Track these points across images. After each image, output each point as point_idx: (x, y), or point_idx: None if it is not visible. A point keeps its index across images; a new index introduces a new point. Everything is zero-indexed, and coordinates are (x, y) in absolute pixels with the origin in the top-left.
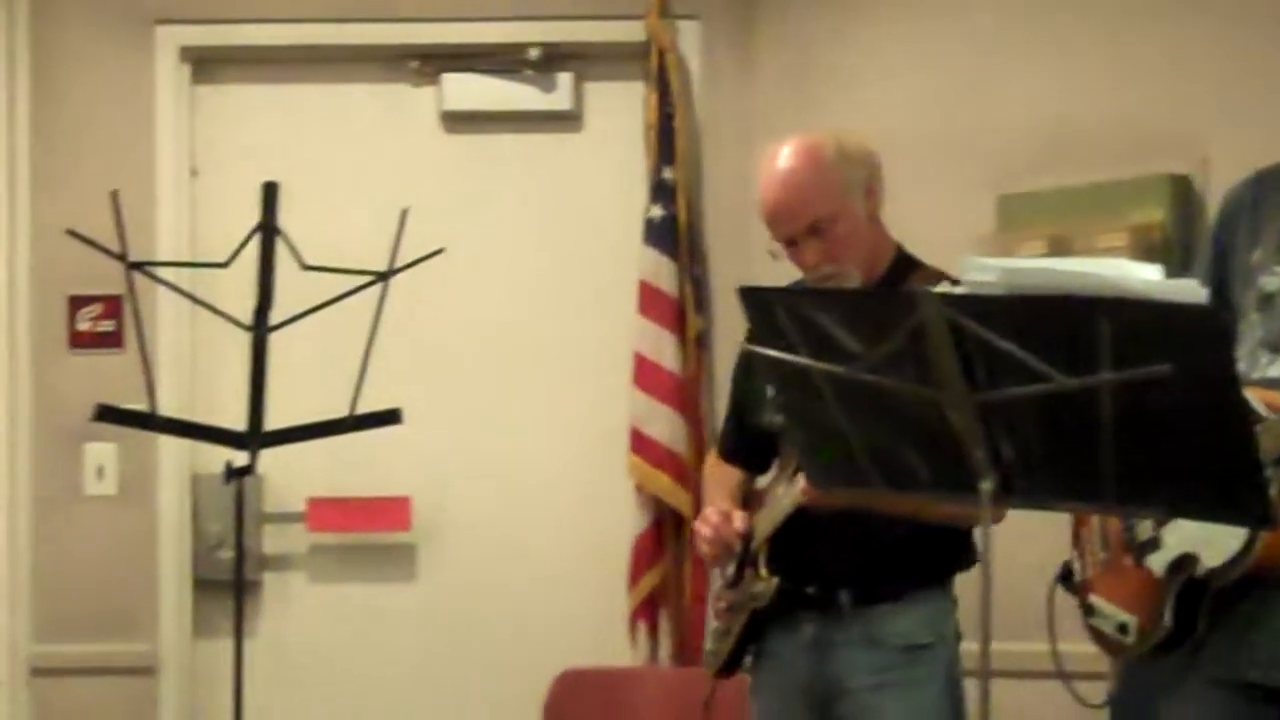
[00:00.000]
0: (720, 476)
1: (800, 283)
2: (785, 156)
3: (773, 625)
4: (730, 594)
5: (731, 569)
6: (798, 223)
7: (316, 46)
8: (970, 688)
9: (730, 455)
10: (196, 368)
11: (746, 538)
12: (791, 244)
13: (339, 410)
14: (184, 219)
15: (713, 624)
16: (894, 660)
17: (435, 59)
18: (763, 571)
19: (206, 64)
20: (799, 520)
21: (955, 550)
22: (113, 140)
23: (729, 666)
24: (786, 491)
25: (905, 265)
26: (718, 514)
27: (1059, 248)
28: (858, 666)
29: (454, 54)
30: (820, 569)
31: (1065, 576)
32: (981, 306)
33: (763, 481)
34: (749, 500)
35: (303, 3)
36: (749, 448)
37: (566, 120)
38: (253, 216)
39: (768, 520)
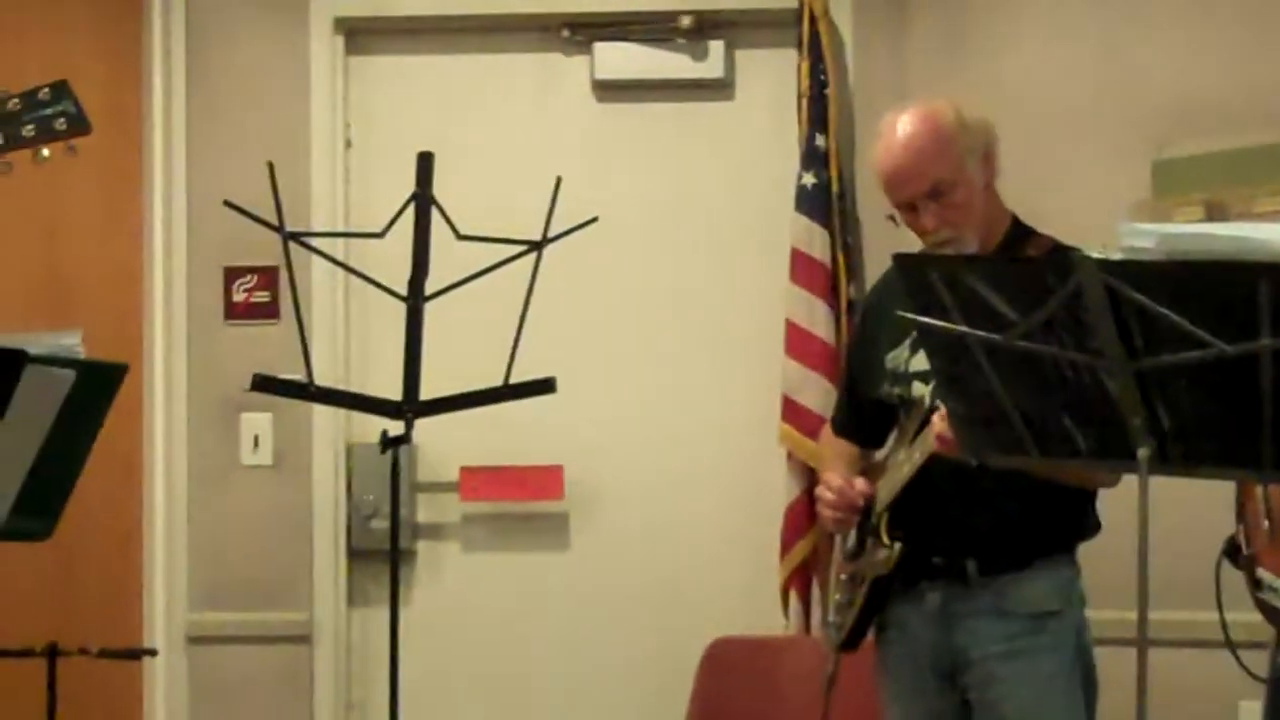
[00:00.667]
0: (837, 449)
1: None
2: (906, 121)
3: (896, 596)
4: (851, 564)
5: (853, 538)
6: (918, 186)
7: (469, 16)
8: (1123, 656)
9: (844, 428)
10: (350, 338)
11: (868, 504)
12: (910, 209)
13: (492, 379)
14: (338, 190)
15: (834, 597)
16: (1022, 628)
17: (587, 28)
18: (885, 539)
19: (360, 35)
20: (922, 489)
21: (1080, 518)
22: (268, 112)
23: (853, 640)
24: (908, 457)
25: (1021, 234)
26: (839, 479)
27: (1216, 213)
28: (985, 636)
29: (606, 22)
30: (946, 538)
31: (1231, 551)
32: (1139, 272)
33: (879, 455)
34: (867, 473)
35: None
36: (864, 420)
37: (718, 88)
38: (406, 187)
39: (889, 487)
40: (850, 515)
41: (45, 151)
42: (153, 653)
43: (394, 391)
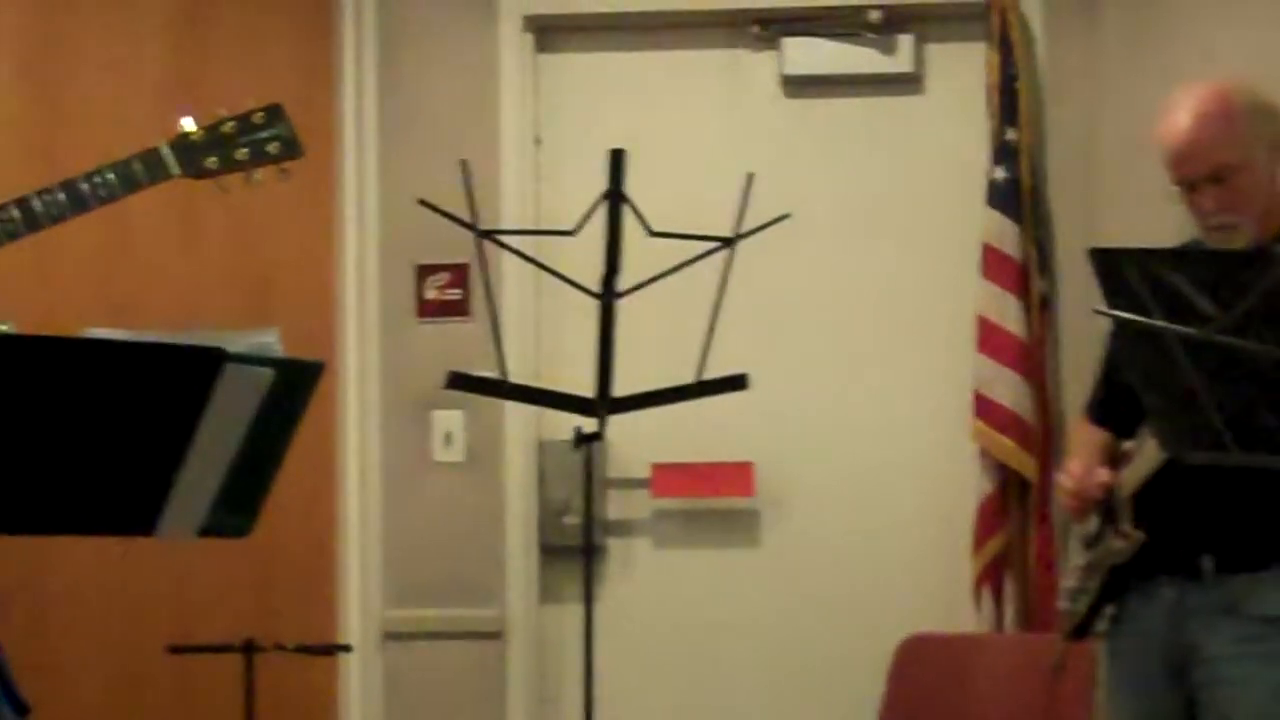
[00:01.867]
0: (1085, 436)
1: (1192, 243)
2: (1196, 99)
3: (1131, 587)
4: (1088, 552)
5: (1092, 525)
6: (1200, 166)
7: (658, 13)
8: None
9: (1098, 415)
10: (541, 335)
11: (1109, 493)
12: (1190, 188)
13: (682, 376)
14: (528, 187)
15: (1067, 583)
16: (1255, 631)
17: (775, 23)
18: (1126, 527)
19: (549, 33)
20: (1167, 480)
21: None
22: (457, 110)
23: (1083, 629)
24: (1155, 448)
25: None
26: (1080, 466)
27: None
28: (1216, 634)
29: (794, 18)
30: (1185, 532)
31: None
32: None
33: (1129, 445)
34: (1116, 462)
35: None
36: (1118, 408)
37: (907, 83)
38: (595, 184)
39: (1134, 475)
40: (1087, 504)
41: (258, 174)
42: (348, 648)
43: (584, 388)
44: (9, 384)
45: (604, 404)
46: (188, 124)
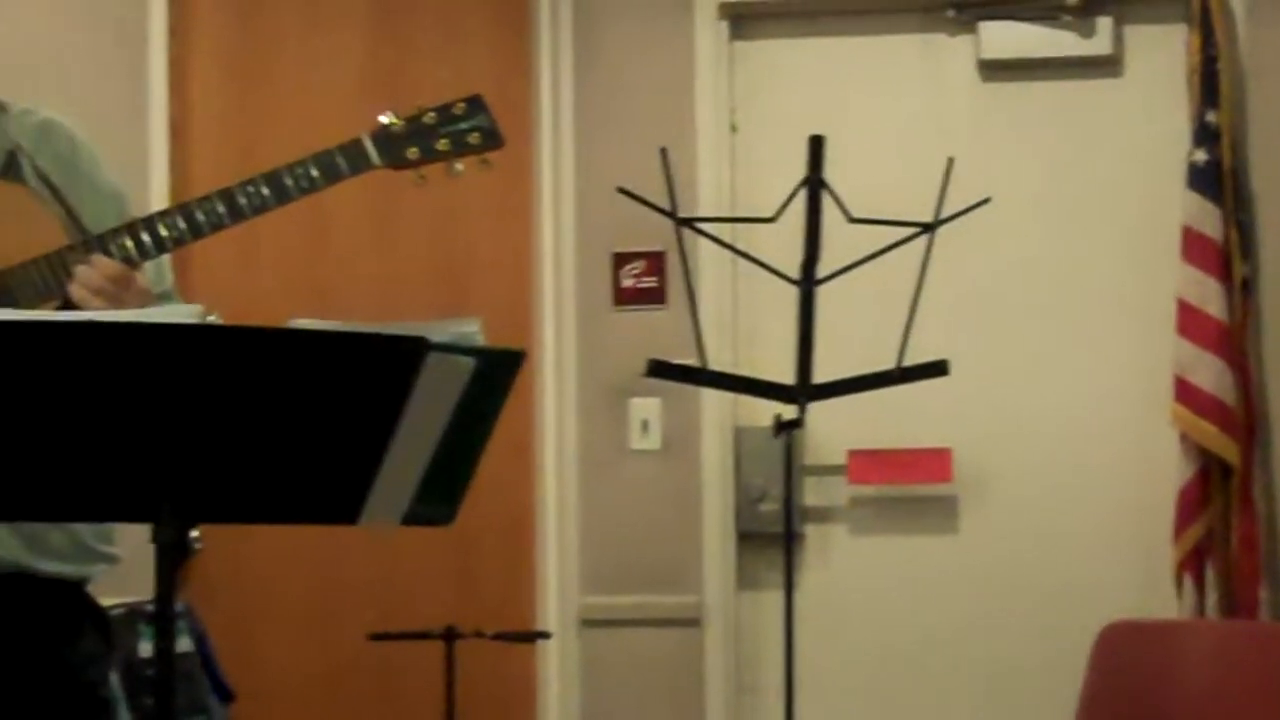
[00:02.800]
0: None
1: None
2: None
3: None
4: None
5: None
6: None
7: None
8: None
9: None
10: (738, 322)
11: None
12: None
13: (877, 362)
14: (724, 174)
15: None
16: None
17: (972, 7)
18: None
19: (744, 20)
20: None
21: None
22: (653, 99)
23: None
24: None
25: None
26: None
27: None
28: None
29: (991, 1)
30: None
31: None
32: None
33: None
34: None
35: None
36: None
37: (1106, 65)
38: (790, 171)
39: None
40: None
41: (459, 165)
42: (546, 635)
43: (781, 375)
44: (219, 375)
45: (804, 391)
46: (388, 116)
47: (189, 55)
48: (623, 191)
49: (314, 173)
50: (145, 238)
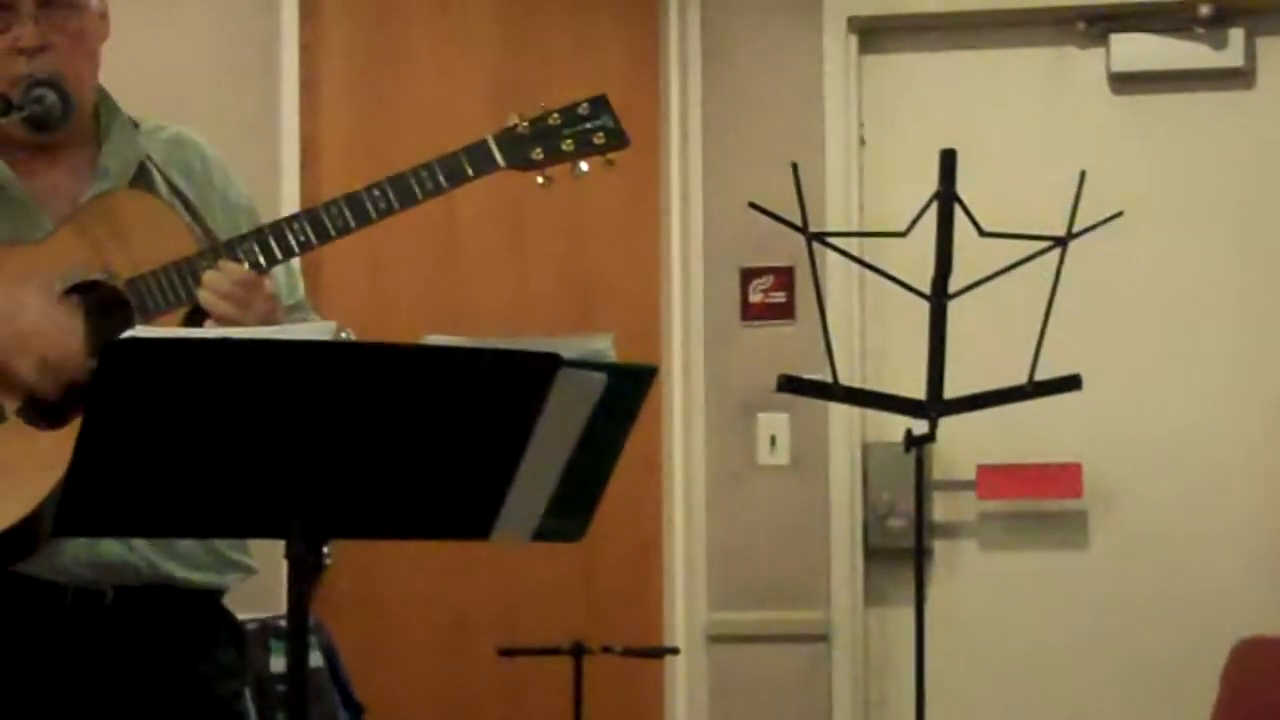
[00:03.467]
0: None
1: None
2: None
3: None
4: None
5: None
6: None
7: (982, 12)
8: None
9: None
10: (867, 337)
11: None
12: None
13: (1009, 377)
14: (852, 188)
15: None
16: None
17: (1102, 20)
18: None
19: (873, 33)
20: None
21: None
22: (782, 113)
23: None
24: None
25: None
26: None
27: None
28: None
29: (1122, 14)
30: None
31: None
32: None
33: None
34: None
35: None
36: None
37: (1238, 77)
38: (920, 184)
39: None
40: None
41: (584, 166)
42: (675, 651)
43: (909, 389)
44: (353, 390)
45: (936, 406)
46: (513, 117)
47: (320, 70)
48: (754, 206)
49: (439, 175)
50: (272, 243)
